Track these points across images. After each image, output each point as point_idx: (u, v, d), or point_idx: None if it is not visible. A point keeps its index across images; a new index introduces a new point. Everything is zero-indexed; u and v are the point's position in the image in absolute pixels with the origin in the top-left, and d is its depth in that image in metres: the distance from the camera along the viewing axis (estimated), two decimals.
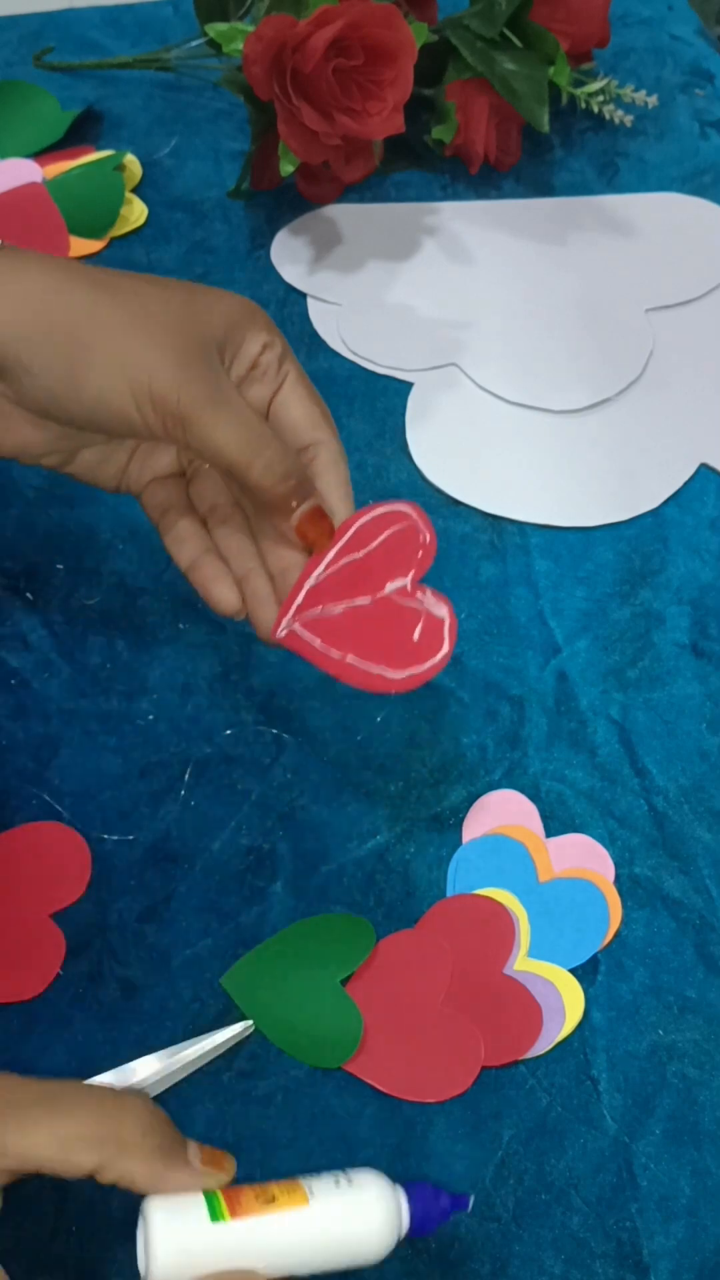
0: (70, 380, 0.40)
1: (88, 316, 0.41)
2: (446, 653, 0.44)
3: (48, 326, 0.40)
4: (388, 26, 0.61)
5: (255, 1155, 0.43)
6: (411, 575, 0.45)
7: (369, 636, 0.44)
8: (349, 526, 0.45)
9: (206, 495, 0.46)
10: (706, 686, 0.54)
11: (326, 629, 0.44)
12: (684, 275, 0.69)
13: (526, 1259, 0.42)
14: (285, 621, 0.45)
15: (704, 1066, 0.45)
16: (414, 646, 0.44)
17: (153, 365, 0.40)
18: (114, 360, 0.40)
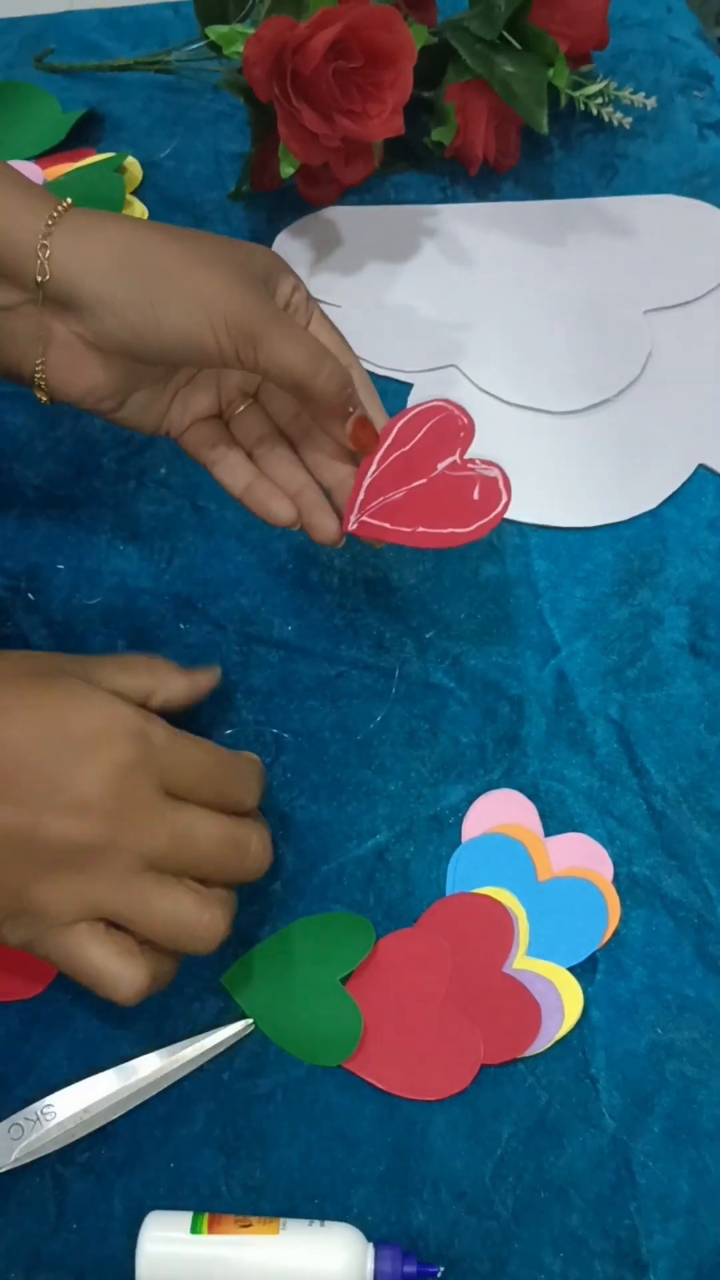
0: (151, 312, 0.45)
1: (163, 256, 0.45)
2: (506, 501, 0.49)
3: (128, 265, 0.45)
4: (387, 29, 0.61)
5: (255, 1153, 0.44)
6: (459, 451, 0.51)
7: (433, 508, 0.50)
8: (391, 428, 0.51)
9: (252, 430, 0.52)
10: (705, 686, 0.54)
11: (392, 513, 0.50)
12: (682, 277, 0.69)
13: (525, 1257, 0.42)
14: (354, 517, 0.50)
15: (702, 1065, 0.46)
16: (475, 504, 0.49)
17: (225, 295, 0.45)
18: (190, 292, 0.45)
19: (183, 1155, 0.44)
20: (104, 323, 0.45)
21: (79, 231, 0.45)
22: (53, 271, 0.45)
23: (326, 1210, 0.43)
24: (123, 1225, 0.42)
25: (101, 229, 0.46)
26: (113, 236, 0.46)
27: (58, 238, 0.45)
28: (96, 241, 0.45)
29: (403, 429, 0.51)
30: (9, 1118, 0.43)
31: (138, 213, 0.70)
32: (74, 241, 0.45)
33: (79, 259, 0.45)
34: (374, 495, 0.50)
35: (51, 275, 0.45)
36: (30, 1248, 0.42)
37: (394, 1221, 0.43)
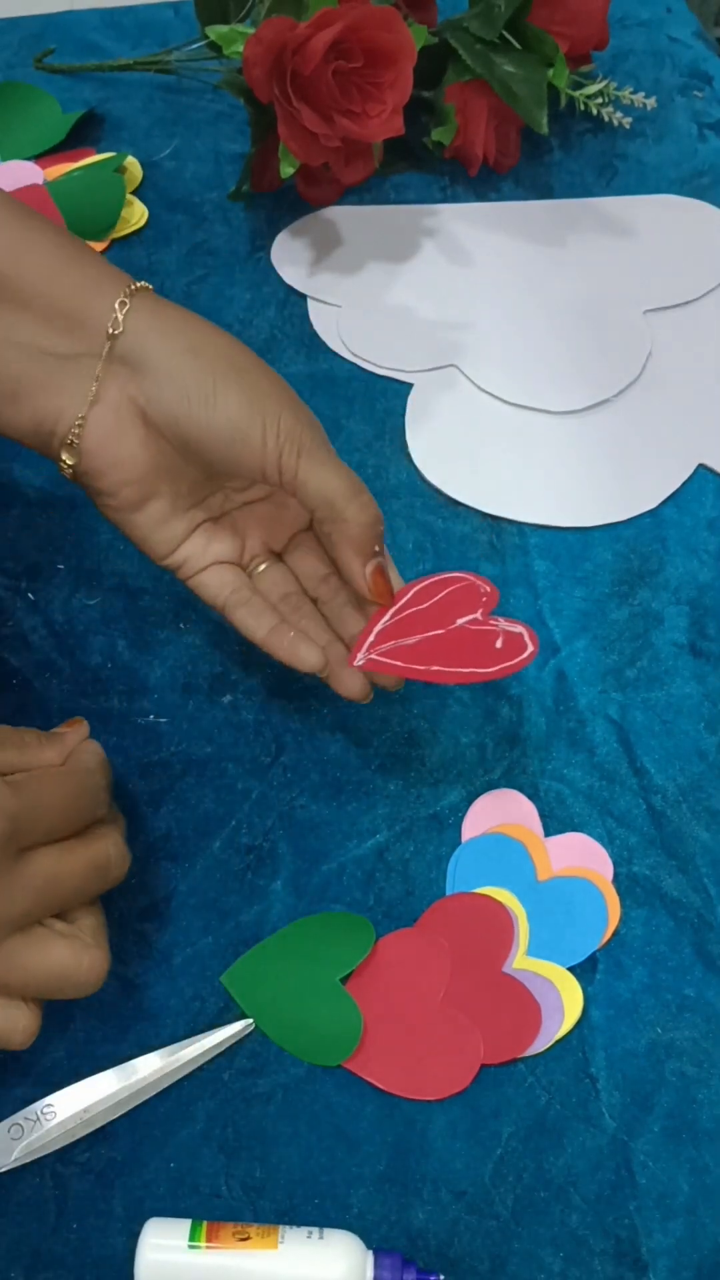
0: (211, 392, 0.45)
1: (232, 352, 0.47)
2: (533, 650, 0.46)
3: (198, 348, 0.46)
4: (387, 29, 0.61)
5: (255, 1152, 0.44)
6: (480, 611, 0.48)
7: (449, 652, 0.47)
8: (409, 589, 0.49)
9: (276, 586, 0.50)
10: (704, 686, 0.54)
11: (404, 654, 0.47)
12: (682, 277, 0.69)
13: (525, 1256, 0.42)
14: (362, 653, 0.47)
15: (702, 1064, 0.46)
16: (498, 652, 0.47)
17: (282, 404, 0.46)
18: (253, 390, 0.46)
19: (183, 1155, 0.44)
20: (162, 389, 0.46)
21: (157, 307, 0.47)
22: (127, 327, 0.46)
23: (326, 1209, 0.43)
24: (123, 1225, 0.42)
25: (178, 312, 0.47)
26: (188, 322, 0.47)
27: (137, 302, 0.46)
28: (173, 319, 0.47)
29: (420, 592, 0.49)
30: (9, 1118, 0.43)
31: (137, 213, 0.71)
32: (151, 312, 0.46)
33: (154, 327, 0.46)
34: (384, 639, 0.48)
35: (125, 330, 0.46)
36: (30, 1248, 0.42)
37: (394, 1221, 0.43)
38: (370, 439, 0.62)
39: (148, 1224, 0.41)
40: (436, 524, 0.59)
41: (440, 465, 0.61)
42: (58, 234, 0.47)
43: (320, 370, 0.65)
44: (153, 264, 0.69)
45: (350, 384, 0.64)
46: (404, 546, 0.59)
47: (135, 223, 0.70)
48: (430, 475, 0.61)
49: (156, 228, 0.70)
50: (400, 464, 0.61)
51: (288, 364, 0.65)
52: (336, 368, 0.65)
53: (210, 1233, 0.40)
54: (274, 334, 0.66)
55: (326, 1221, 0.42)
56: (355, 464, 0.61)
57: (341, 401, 0.64)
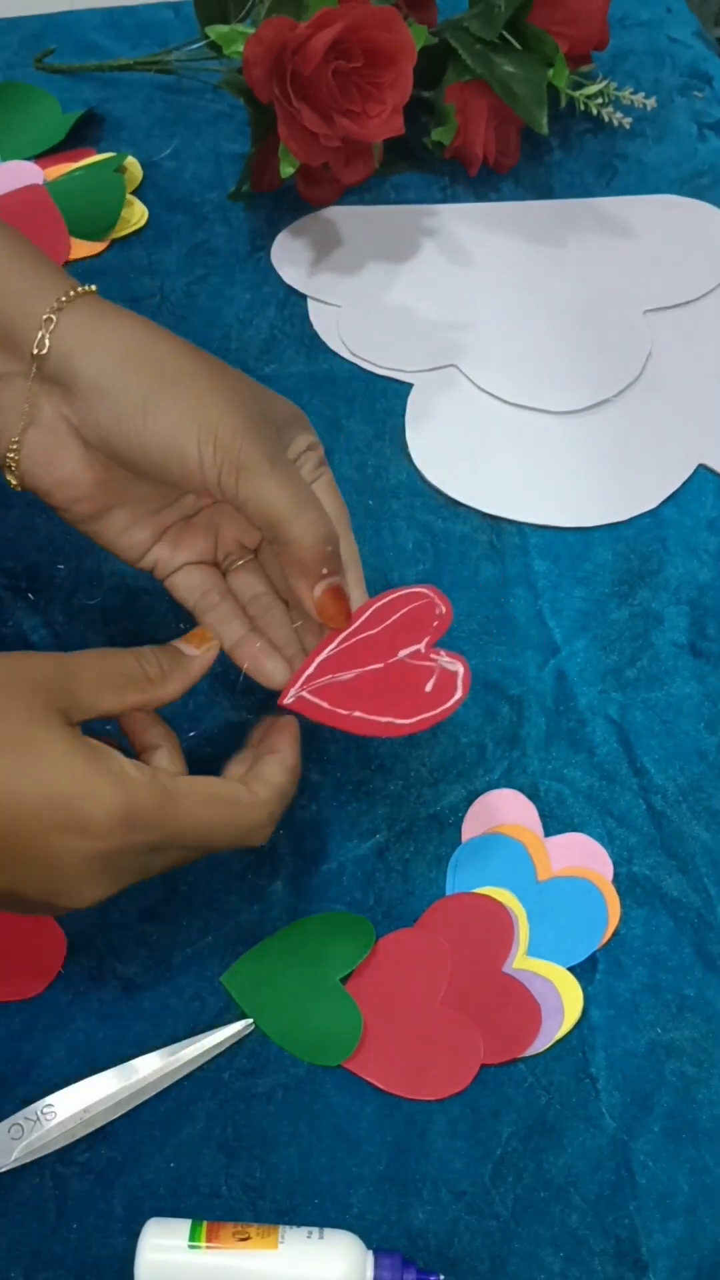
0: (142, 409, 0.43)
1: (170, 363, 0.44)
2: (460, 697, 0.45)
3: (131, 361, 0.43)
4: (387, 29, 0.61)
5: (255, 1153, 0.44)
6: (426, 640, 0.46)
7: (378, 694, 0.46)
8: (365, 610, 0.47)
9: (249, 586, 0.49)
10: (704, 686, 0.54)
11: (335, 693, 0.46)
12: (682, 277, 0.69)
13: (525, 1256, 0.42)
14: (294, 690, 0.46)
15: (702, 1064, 0.46)
16: (425, 697, 0.45)
17: (223, 415, 0.42)
18: (188, 402, 0.43)
19: (183, 1155, 0.44)
20: (93, 410, 0.43)
21: (90, 318, 0.44)
22: (53, 347, 0.43)
23: (326, 1209, 0.43)
24: (123, 1225, 0.42)
25: (115, 321, 0.44)
26: (125, 331, 0.44)
27: (67, 316, 0.44)
28: (105, 330, 0.44)
29: (377, 611, 0.47)
30: (9, 1118, 0.43)
31: (138, 213, 0.71)
32: (83, 324, 0.44)
33: (83, 342, 0.44)
34: (324, 672, 0.47)
35: (50, 350, 0.43)
36: (30, 1247, 0.42)
37: (394, 1221, 0.43)
38: (370, 439, 0.62)
39: (148, 1224, 0.41)
40: (436, 524, 0.59)
41: (440, 465, 0.61)
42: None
43: (320, 370, 0.65)
44: (153, 264, 0.69)
45: (350, 384, 0.64)
46: (404, 546, 0.58)
47: (135, 223, 0.70)
48: (430, 475, 0.61)
49: (156, 228, 0.70)
50: (400, 464, 0.61)
51: (288, 364, 0.65)
52: (336, 368, 0.65)
53: (210, 1233, 0.40)
54: (274, 334, 0.66)
55: (326, 1221, 0.42)
56: (355, 464, 0.61)
57: (341, 401, 0.64)
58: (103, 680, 0.41)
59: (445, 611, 0.47)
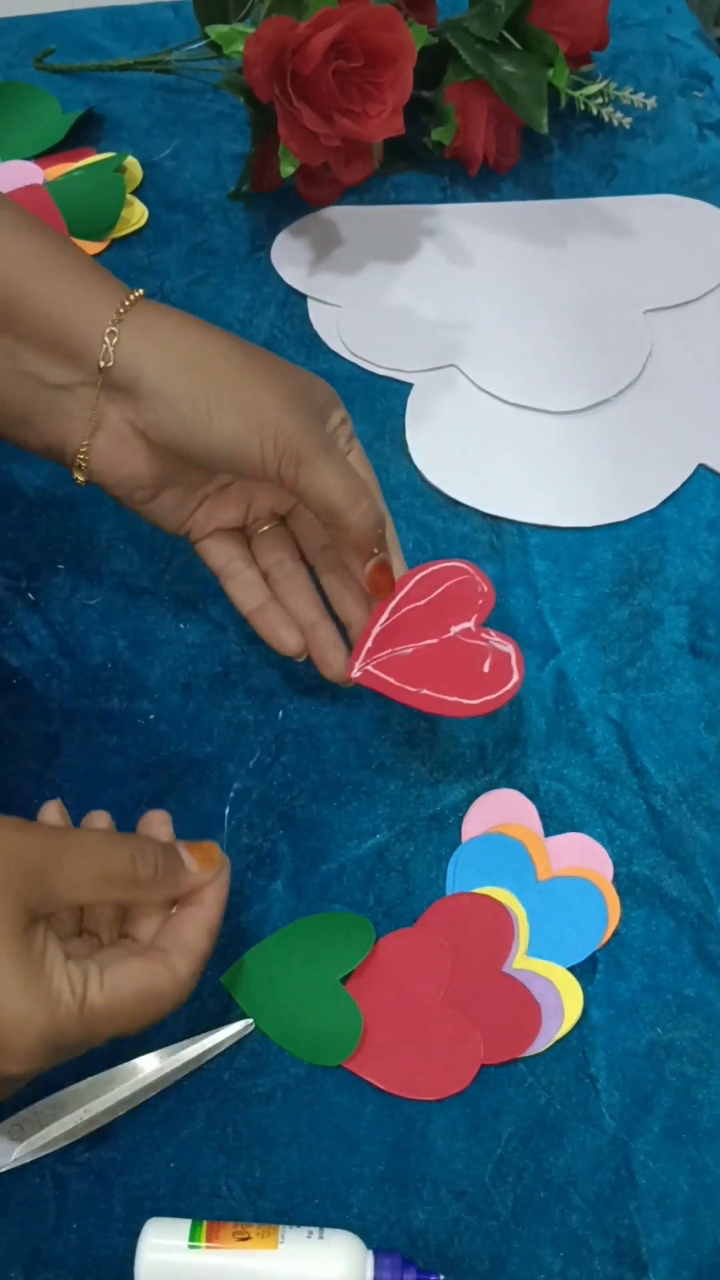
0: (205, 412, 0.45)
1: (226, 363, 0.46)
2: (518, 680, 0.47)
3: (191, 365, 0.46)
4: (387, 29, 0.61)
5: (255, 1153, 0.44)
6: (475, 619, 0.49)
7: (441, 671, 0.48)
8: (410, 578, 0.50)
9: (273, 550, 0.52)
10: (704, 686, 0.54)
11: (399, 667, 0.48)
12: (682, 277, 0.69)
13: (525, 1256, 0.42)
14: (359, 664, 0.49)
15: (702, 1064, 0.46)
16: (485, 677, 0.48)
17: (279, 412, 0.45)
18: (247, 402, 0.45)
19: (183, 1155, 0.44)
20: (158, 414, 0.46)
21: (148, 324, 0.46)
22: (117, 358, 0.46)
23: (326, 1210, 0.43)
24: (123, 1225, 0.42)
25: (171, 326, 0.47)
26: (180, 334, 0.47)
27: (127, 325, 0.46)
28: (164, 336, 0.46)
29: (420, 582, 0.50)
30: (9, 1118, 0.43)
31: (138, 213, 0.71)
32: (142, 332, 0.46)
33: (144, 350, 0.46)
34: (382, 645, 0.49)
35: (115, 362, 0.46)
36: (30, 1247, 0.42)
37: (394, 1221, 0.43)
38: (370, 439, 0.62)
39: (148, 1224, 0.41)
40: (436, 524, 0.59)
41: (440, 465, 0.61)
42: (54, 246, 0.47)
43: (320, 370, 0.65)
44: (153, 264, 0.69)
45: (350, 384, 0.64)
46: (404, 546, 0.58)
47: (135, 223, 0.70)
48: (430, 475, 0.61)
49: (156, 228, 0.70)
50: (400, 464, 0.61)
51: None
52: (336, 368, 0.65)
53: (210, 1233, 0.40)
54: (274, 334, 0.66)
55: (326, 1221, 0.42)
56: None
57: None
58: (88, 876, 0.39)
59: (488, 590, 0.50)
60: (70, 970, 0.38)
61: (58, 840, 0.39)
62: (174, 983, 0.40)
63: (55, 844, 0.39)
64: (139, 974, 0.39)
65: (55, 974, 0.37)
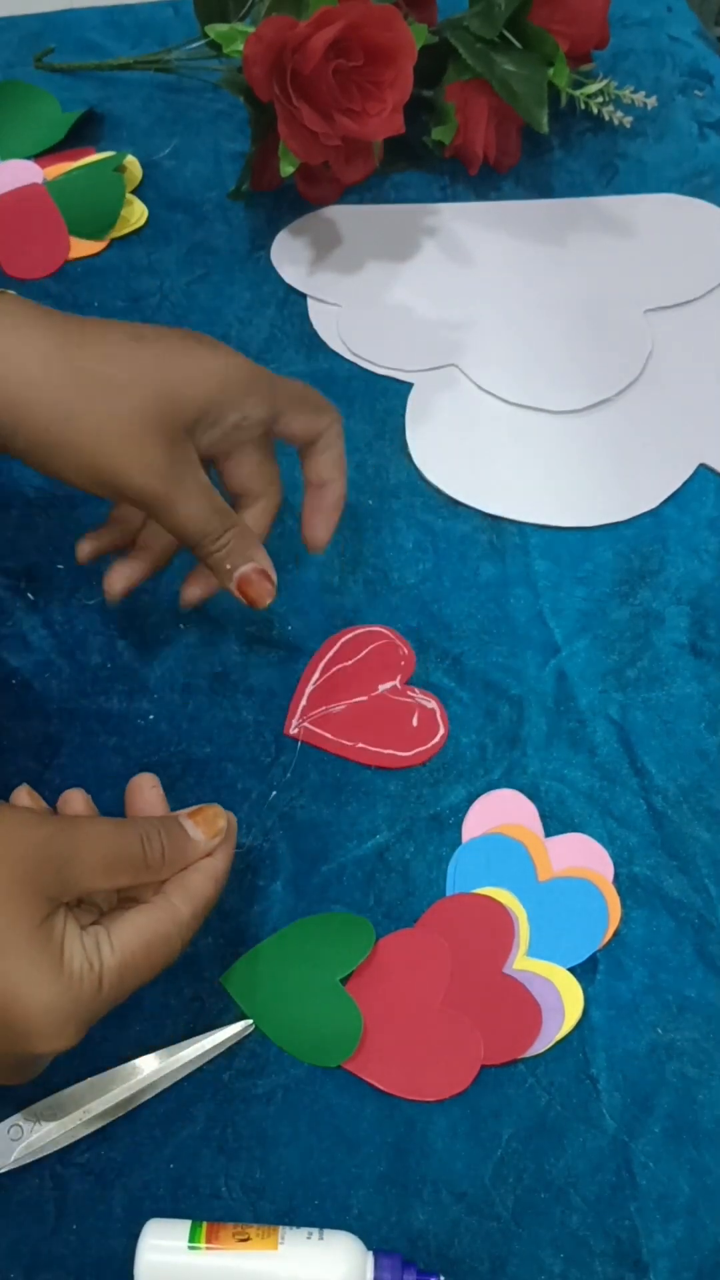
0: (43, 462, 0.45)
1: (62, 418, 0.43)
2: (444, 733, 0.52)
3: (27, 421, 0.43)
4: (387, 28, 0.61)
5: (255, 1154, 0.44)
6: (399, 678, 0.54)
7: (373, 726, 0.52)
8: (335, 642, 0.54)
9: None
10: (705, 686, 0.54)
11: (334, 723, 0.52)
12: (682, 276, 0.69)
13: (525, 1257, 0.42)
14: (295, 721, 0.52)
15: (703, 1065, 0.46)
16: (415, 731, 0.52)
17: (116, 464, 0.44)
18: (87, 463, 0.44)
19: (182, 1156, 0.44)
20: (13, 451, 0.45)
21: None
22: None
23: (326, 1210, 0.43)
24: (122, 1226, 0.42)
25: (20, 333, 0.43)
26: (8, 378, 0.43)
27: None
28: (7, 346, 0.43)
29: (345, 645, 0.54)
30: (9, 1118, 0.43)
31: (137, 212, 0.70)
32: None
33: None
34: (316, 703, 0.52)
35: None
36: (30, 1248, 0.42)
37: (394, 1222, 0.43)
38: (370, 439, 0.62)
39: (147, 1225, 0.41)
40: (436, 524, 0.59)
41: (440, 465, 0.61)
42: None
43: (320, 370, 0.65)
44: (152, 263, 0.69)
45: (350, 383, 0.64)
46: (404, 546, 0.58)
47: (135, 222, 0.70)
48: (430, 475, 0.61)
49: (156, 227, 0.70)
50: (400, 464, 0.61)
51: (288, 363, 0.65)
52: (336, 367, 0.65)
53: (210, 1233, 0.40)
54: (274, 333, 0.66)
55: (326, 1222, 0.42)
56: (355, 463, 0.61)
57: (341, 401, 0.63)
58: (102, 864, 0.40)
59: (408, 653, 0.54)
60: (85, 944, 0.39)
61: (73, 831, 0.40)
62: (177, 924, 0.41)
63: (71, 835, 0.39)
64: (143, 924, 0.40)
65: (75, 956, 0.38)
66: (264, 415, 0.48)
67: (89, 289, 0.67)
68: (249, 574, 0.48)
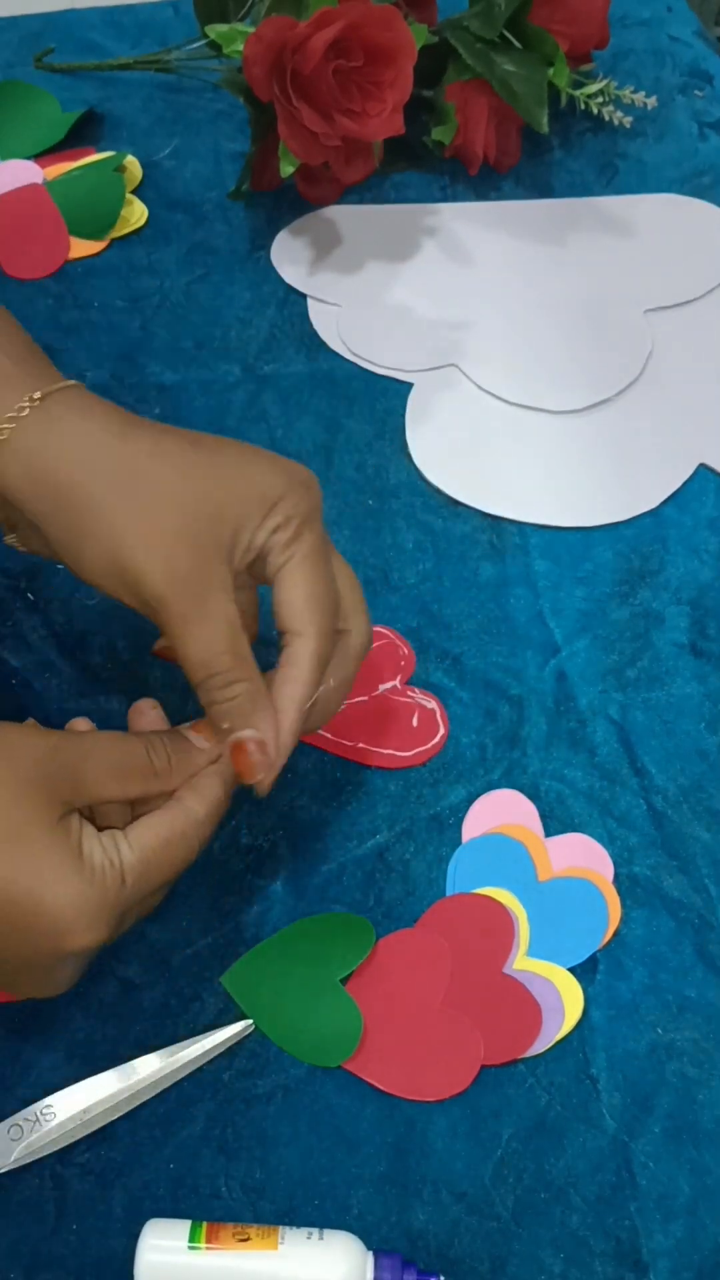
0: (72, 554, 0.42)
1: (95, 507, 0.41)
2: (444, 733, 0.52)
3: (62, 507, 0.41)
4: (387, 28, 0.61)
5: (255, 1154, 0.44)
6: (399, 678, 0.53)
7: (374, 726, 0.52)
8: None
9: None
10: (705, 686, 0.54)
11: (334, 723, 0.49)
12: (682, 276, 0.69)
13: (525, 1257, 0.42)
14: None
15: (703, 1065, 0.46)
16: (415, 731, 0.52)
17: (138, 562, 0.40)
18: (110, 557, 0.41)
19: (182, 1156, 0.44)
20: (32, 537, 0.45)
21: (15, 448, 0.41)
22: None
23: (326, 1210, 0.43)
24: (122, 1226, 0.42)
25: (53, 444, 0.41)
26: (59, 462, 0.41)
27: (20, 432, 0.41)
28: (38, 468, 0.41)
29: None
30: (9, 1118, 0.43)
31: (137, 212, 0.70)
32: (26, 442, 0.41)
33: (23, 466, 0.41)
34: None
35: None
36: (30, 1248, 0.42)
37: (394, 1222, 0.43)
38: (370, 439, 0.62)
39: (147, 1225, 0.41)
40: (436, 524, 0.59)
41: (440, 465, 0.61)
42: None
43: (320, 370, 0.65)
44: (152, 263, 0.69)
45: (350, 383, 0.64)
46: (404, 546, 0.58)
47: (135, 222, 0.70)
48: (430, 475, 0.61)
49: (156, 227, 0.70)
50: (400, 464, 0.61)
51: (288, 363, 0.65)
52: (336, 367, 0.65)
53: (210, 1233, 0.40)
54: (274, 333, 0.66)
55: (326, 1222, 0.42)
56: (355, 464, 0.61)
57: (341, 401, 0.64)
58: (111, 771, 0.40)
59: (408, 653, 0.54)
60: (103, 842, 0.40)
61: (79, 741, 0.41)
62: (193, 822, 0.41)
63: (78, 744, 0.40)
64: (158, 823, 0.41)
65: (95, 852, 0.39)
66: (292, 530, 0.42)
67: (89, 289, 0.67)
68: (245, 742, 0.42)
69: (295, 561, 0.42)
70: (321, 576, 0.43)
